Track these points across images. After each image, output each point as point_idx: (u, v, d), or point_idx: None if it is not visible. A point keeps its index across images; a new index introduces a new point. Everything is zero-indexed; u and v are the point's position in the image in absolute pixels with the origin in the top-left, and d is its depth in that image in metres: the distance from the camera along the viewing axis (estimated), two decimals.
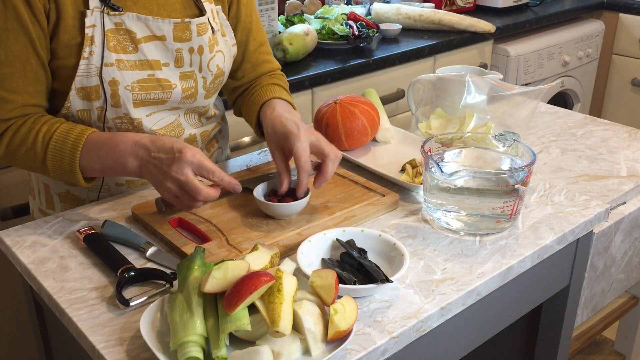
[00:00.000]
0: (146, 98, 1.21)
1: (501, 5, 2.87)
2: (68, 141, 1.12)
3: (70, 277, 1.03)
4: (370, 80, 2.25)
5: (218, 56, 1.28)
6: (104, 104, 1.18)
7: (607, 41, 3.23)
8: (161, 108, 1.25)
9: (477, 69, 1.67)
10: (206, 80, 1.28)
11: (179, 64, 1.23)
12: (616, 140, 1.61)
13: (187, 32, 1.22)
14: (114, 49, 1.16)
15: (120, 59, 1.17)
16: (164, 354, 0.84)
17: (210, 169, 1.07)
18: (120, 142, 1.11)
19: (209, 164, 1.07)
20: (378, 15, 2.62)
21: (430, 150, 1.17)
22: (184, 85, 1.24)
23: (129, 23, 1.17)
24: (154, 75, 1.21)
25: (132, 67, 1.18)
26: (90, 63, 1.15)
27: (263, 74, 1.40)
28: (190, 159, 1.05)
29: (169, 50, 1.21)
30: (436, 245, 1.12)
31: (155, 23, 1.19)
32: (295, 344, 0.85)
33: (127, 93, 1.19)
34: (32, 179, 1.37)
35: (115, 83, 1.17)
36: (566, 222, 1.18)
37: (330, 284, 0.90)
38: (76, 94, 1.17)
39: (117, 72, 1.17)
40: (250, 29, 1.36)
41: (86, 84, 1.16)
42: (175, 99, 1.25)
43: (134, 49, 1.18)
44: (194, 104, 1.29)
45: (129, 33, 1.17)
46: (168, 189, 1.07)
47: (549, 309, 1.33)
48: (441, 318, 0.98)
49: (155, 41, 1.20)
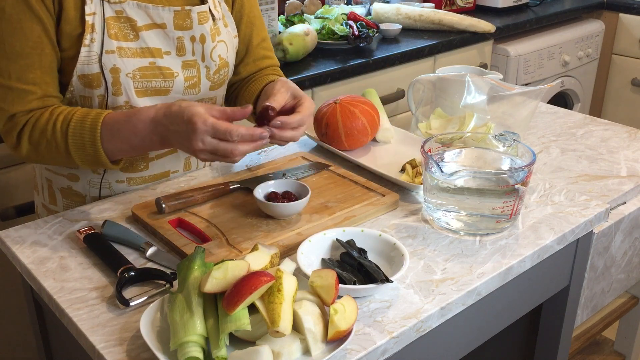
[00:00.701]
0: (148, 86, 1.21)
1: (501, 5, 2.87)
2: (85, 125, 1.12)
3: (70, 277, 1.03)
4: (370, 80, 2.25)
5: (220, 46, 1.28)
6: (105, 92, 1.18)
7: (607, 41, 3.23)
8: (164, 99, 1.24)
9: (477, 69, 1.67)
10: (209, 70, 1.28)
11: (180, 53, 1.23)
12: (616, 140, 1.61)
13: (188, 20, 1.22)
14: (115, 37, 1.16)
15: (121, 46, 1.17)
16: (164, 354, 0.84)
17: (226, 130, 1.03)
18: (139, 122, 1.10)
19: (223, 126, 1.03)
20: (378, 15, 2.62)
21: (430, 150, 1.17)
22: (186, 74, 1.24)
23: (130, 11, 1.17)
24: (155, 63, 1.21)
25: (133, 54, 1.18)
26: (91, 50, 1.15)
27: (262, 69, 1.40)
28: (203, 127, 1.03)
29: (169, 38, 1.21)
30: (436, 245, 1.12)
31: (156, 11, 1.19)
32: (295, 344, 0.85)
33: (128, 81, 1.18)
34: (37, 175, 1.37)
35: (116, 70, 1.17)
36: (566, 222, 1.18)
37: (330, 284, 0.90)
38: (78, 80, 1.17)
39: (118, 59, 1.17)
40: (254, 23, 1.37)
41: (87, 72, 1.16)
42: (178, 88, 1.24)
43: (135, 37, 1.18)
44: (198, 95, 1.28)
45: (129, 21, 1.17)
46: (202, 157, 1.06)
47: (549, 309, 1.33)
48: (441, 318, 0.98)
49: (156, 29, 1.20)
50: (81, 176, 1.29)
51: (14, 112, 1.14)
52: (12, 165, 1.71)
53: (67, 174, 1.29)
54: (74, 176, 1.29)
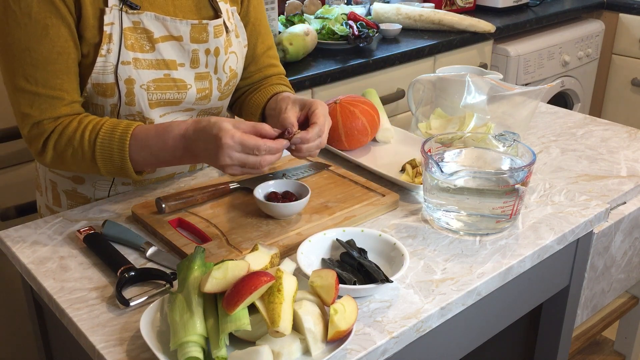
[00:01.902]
0: (162, 98, 1.21)
1: (501, 5, 2.87)
2: (115, 137, 1.12)
3: (70, 277, 1.03)
4: (370, 80, 2.25)
5: (231, 57, 1.29)
6: (117, 102, 1.18)
7: (607, 41, 3.23)
8: (175, 109, 1.25)
9: (477, 69, 1.67)
10: (221, 82, 1.28)
11: (194, 65, 1.23)
12: (616, 140, 1.61)
13: (204, 34, 1.22)
14: (131, 48, 1.16)
15: (137, 57, 1.17)
16: (164, 354, 0.84)
17: (254, 146, 1.03)
18: (169, 138, 1.10)
19: (251, 141, 1.03)
20: (378, 15, 2.62)
21: (430, 150, 1.17)
22: (198, 86, 1.25)
23: (147, 22, 1.17)
24: (169, 75, 1.21)
25: (148, 66, 1.18)
26: (107, 61, 1.15)
27: (268, 77, 1.40)
28: (230, 143, 1.03)
29: (185, 50, 1.22)
30: (436, 245, 1.12)
31: (173, 23, 1.19)
32: (295, 344, 0.85)
33: (142, 92, 1.19)
34: (40, 176, 1.37)
35: (131, 82, 1.17)
36: (566, 222, 1.18)
37: (330, 284, 0.90)
38: (92, 88, 1.17)
39: (133, 70, 1.17)
40: (259, 32, 1.37)
41: (102, 81, 1.16)
42: (190, 99, 1.25)
43: (151, 48, 1.18)
44: (207, 105, 1.29)
45: (146, 32, 1.17)
46: (230, 172, 1.06)
47: (549, 309, 1.33)
48: (441, 318, 0.98)
49: (172, 41, 1.20)
50: (86, 178, 1.29)
51: (41, 118, 1.13)
52: (12, 165, 1.71)
53: (72, 177, 1.29)
54: (79, 178, 1.29)
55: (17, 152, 1.74)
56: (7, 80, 1.13)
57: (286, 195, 1.18)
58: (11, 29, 1.09)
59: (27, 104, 1.13)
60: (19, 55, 1.10)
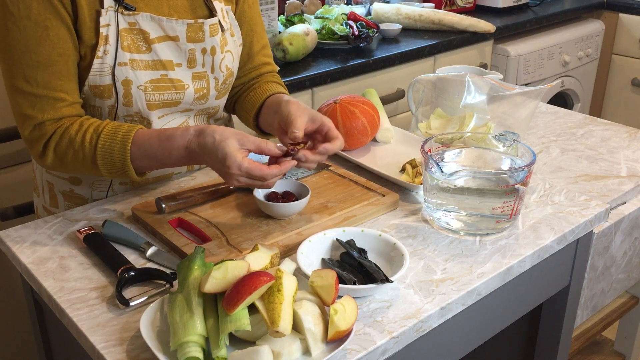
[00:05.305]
0: (160, 99, 1.21)
1: (501, 5, 2.87)
2: (116, 140, 1.12)
3: (70, 277, 1.03)
4: (370, 80, 2.25)
5: (227, 56, 1.29)
6: (115, 103, 1.19)
7: (607, 41, 3.23)
8: (173, 110, 1.25)
9: (477, 69, 1.67)
10: (218, 81, 1.28)
11: (191, 65, 1.23)
12: (616, 140, 1.61)
13: (200, 33, 1.22)
14: (127, 49, 1.16)
15: (133, 58, 1.17)
16: (164, 354, 0.84)
17: (259, 176, 1.05)
18: (173, 148, 1.10)
19: (257, 171, 1.04)
20: (378, 15, 2.62)
21: (430, 150, 1.17)
22: (196, 85, 1.25)
23: (143, 23, 1.17)
24: (167, 75, 1.21)
25: (145, 67, 1.18)
26: (104, 62, 1.15)
27: (262, 74, 1.40)
28: (237, 172, 1.04)
29: (181, 50, 1.22)
30: (436, 245, 1.12)
31: (169, 23, 1.19)
32: (295, 344, 0.85)
33: (139, 93, 1.19)
34: (37, 177, 1.37)
35: (128, 83, 1.17)
36: (566, 222, 1.18)
37: (330, 284, 0.90)
38: (89, 89, 1.17)
39: (130, 71, 1.17)
40: (255, 31, 1.37)
41: (99, 83, 1.16)
42: (188, 100, 1.25)
43: (148, 49, 1.18)
44: (205, 104, 1.29)
45: (142, 33, 1.17)
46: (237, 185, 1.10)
47: (549, 309, 1.33)
48: (441, 318, 0.98)
49: (169, 41, 1.20)
50: (83, 180, 1.29)
51: (43, 119, 1.13)
52: (12, 165, 1.71)
53: (69, 178, 1.29)
54: (76, 180, 1.29)
55: (16, 153, 1.74)
56: (8, 82, 1.13)
57: (286, 195, 1.18)
58: (10, 31, 1.09)
59: (28, 106, 1.13)
60: (19, 57, 1.10)
